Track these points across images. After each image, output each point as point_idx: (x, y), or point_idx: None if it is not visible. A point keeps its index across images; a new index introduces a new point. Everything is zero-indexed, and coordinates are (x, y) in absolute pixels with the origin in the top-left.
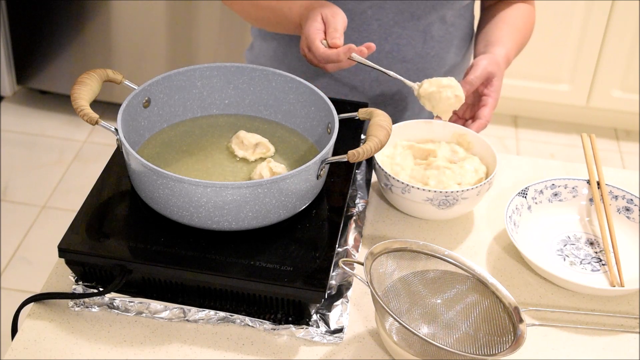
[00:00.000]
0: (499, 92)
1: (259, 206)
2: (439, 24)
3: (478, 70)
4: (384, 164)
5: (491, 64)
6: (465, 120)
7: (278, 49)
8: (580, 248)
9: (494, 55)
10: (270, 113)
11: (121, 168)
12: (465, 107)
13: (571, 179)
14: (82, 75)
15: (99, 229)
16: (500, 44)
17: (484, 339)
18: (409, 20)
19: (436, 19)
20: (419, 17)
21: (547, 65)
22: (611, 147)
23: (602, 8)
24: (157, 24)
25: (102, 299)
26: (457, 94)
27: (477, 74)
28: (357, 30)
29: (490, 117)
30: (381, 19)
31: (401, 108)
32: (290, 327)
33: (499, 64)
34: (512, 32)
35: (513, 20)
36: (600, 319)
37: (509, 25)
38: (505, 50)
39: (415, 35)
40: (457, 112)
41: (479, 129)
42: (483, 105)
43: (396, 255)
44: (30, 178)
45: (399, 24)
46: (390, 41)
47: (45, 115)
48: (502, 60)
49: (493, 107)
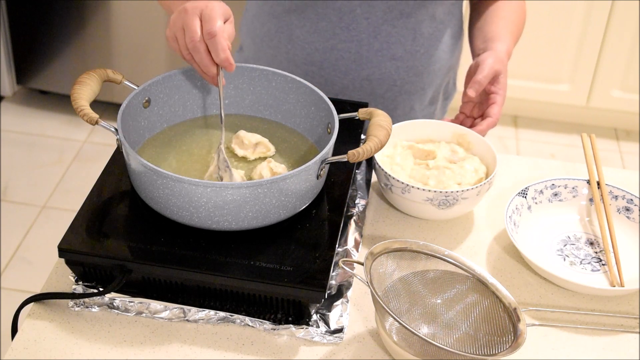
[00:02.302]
0: (506, 89)
1: (259, 206)
2: (429, 22)
3: (485, 69)
4: (384, 164)
5: (496, 61)
6: (474, 118)
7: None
8: (580, 248)
9: (497, 52)
10: (270, 113)
11: (121, 168)
12: (473, 105)
13: (571, 179)
14: (82, 75)
15: (99, 229)
16: (499, 39)
17: (484, 339)
18: (398, 18)
19: (426, 17)
20: (408, 15)
21: (547, 65)
22: (611, 147)
23: (602, 8)
24: (157, 24)
25: (102, 299)
26: None
27: (485, 74)
28: (346, 28)
29: (499, 115)
30: (370, 17)
31: (392, 107)
32: (290, 327)
33: (503, 61)
34: (508, 26)
35: (507, 15)
36: (600, 319)
37: (504, 19)
38: (506, 46)
39: (405, 33)
40: (464, 110)
41: (489, 127)
42: (492, 103)
43: (396, 255)
44: (30, 178)
45: (388, 22)
46: (380, 39)
47: (45, 115)
48: (505, 56)
49: (502, 104)
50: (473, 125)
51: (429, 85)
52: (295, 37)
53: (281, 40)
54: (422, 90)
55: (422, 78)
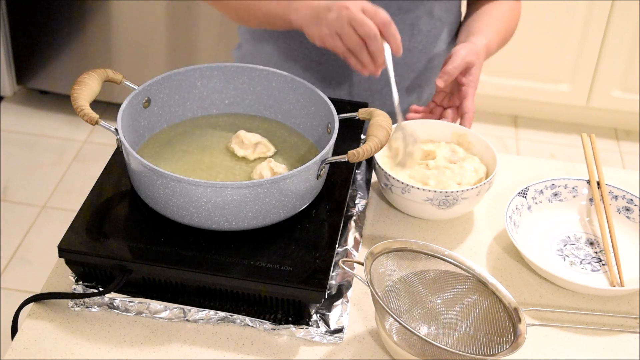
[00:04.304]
0: (478, 81)
1: (259, 206)
2: (427, 18)
3: (457, 60)
4: (384, 164)
5: (470, 53)
6: (444, 108)
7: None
8: (580, 248)
9: (474, 45)
10: (270, 113)
11: (121, 168)
12: (443, 96)
13: (571, 179)
14: (82, 75)
15: (99, 229)
16: (480, 33)
17: (484, 339)
18: (396, 14)
19: (423, 13)
20: (406, 11)
21: (547, 65)
22: (611, 147)
23: (602, 8)
24: (157, 24)
25: (102, 299)
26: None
27: (455, 64)
28: None
29: (474, 107)
30: None
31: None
32: (290, 327)
33: (478, 53)
34: (494, 23)
35: (496, 13)
36: (600, 319)
37: (492, 16)
38: (486, 40)
39: (403, 28)
40: (435, 99)
41: (469, 123)
42: (464, 97)
43: (396, 255)
44: (30, 178)
45: None
46: None
47: (45, 115)
48: (482, 50)
49: (473, 96)
50: (443, 115)
51: (426, 83)
52: (294, 33)
53: (279, 36)
54: (419, 88)
55: (420, 75)
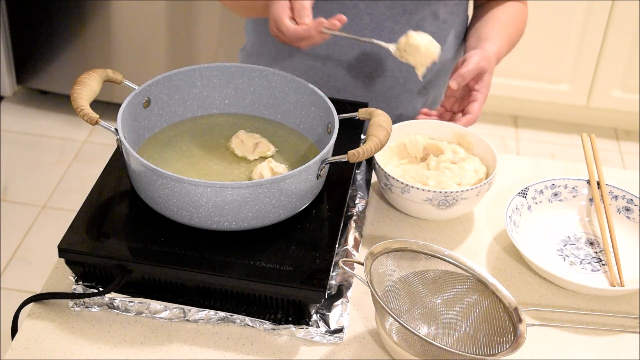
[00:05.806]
0: (489, 88)
1: (259, 206)
2: (432, 20)
3: (470, 64)
4: (384, 164)
5: (483, 59)
6: (454, 113)
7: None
8: (580, 248)
9: (486, 51)
10: (270, 113)
11: (121, 168)
12: (454, 100)
13: (571, 179)
14: (82, 75)
15: (99, 229)
16: (491, 40)
17: (484, 339)
18: (401, 15)
19: (429, 15)
20: (411, 12)
21: (547, 65)
22: (611, 147)
23: (602, 8)
24: (157, 24)
25: (102, 299)
26: (434, 45)
27: (469, 68)
28: (348, 23)
29: (479, 112)
30: (373, 12)
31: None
32: (290, 327)
33: (490, 60)
34: (503, 29)
35: (504, 18)
36: (600, 319)
37: (500, 22)
38: (497, 47)
39: (408, 30)
40: (445, 104)
41: (467, 124)
42: (473, 100)
43: (396, 255)
44: (30, 178)
45: (392, 18)
46: (383, 35)
47: (45, 115)
48: (493, 57)
49: (482, 102)
50: (452, 120)
51: (431, 85)
52: None
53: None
54: (424, 90)
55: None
